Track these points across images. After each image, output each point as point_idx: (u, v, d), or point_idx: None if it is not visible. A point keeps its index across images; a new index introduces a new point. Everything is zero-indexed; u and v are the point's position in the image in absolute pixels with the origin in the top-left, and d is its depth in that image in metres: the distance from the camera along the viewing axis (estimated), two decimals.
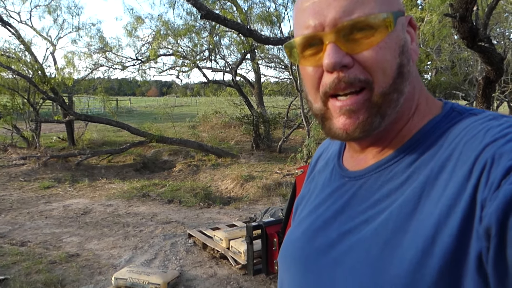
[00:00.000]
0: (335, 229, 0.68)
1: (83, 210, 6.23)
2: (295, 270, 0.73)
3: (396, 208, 0.59)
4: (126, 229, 5.24)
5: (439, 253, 0.51)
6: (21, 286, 3.51)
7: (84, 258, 4.25)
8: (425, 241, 0.53)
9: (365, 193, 0.67)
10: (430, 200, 0.56)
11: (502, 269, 0.47)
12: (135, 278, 3.45)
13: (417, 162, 0.62)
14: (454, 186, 0.54)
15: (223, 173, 9.12)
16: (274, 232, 3.28)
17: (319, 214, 0.74)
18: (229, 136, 13.95)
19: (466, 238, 0.50)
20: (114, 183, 8.38)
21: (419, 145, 0.63)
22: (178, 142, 10.97)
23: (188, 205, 6.64)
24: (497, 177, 0.49)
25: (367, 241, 0.61)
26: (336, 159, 0.80)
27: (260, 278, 3.69)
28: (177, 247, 4.48)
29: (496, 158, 0.50)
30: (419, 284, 0.52)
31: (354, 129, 0.63)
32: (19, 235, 5.02)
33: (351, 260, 0.62)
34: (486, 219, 0.48)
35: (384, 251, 0.57)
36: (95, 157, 10.36)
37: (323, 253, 0.68)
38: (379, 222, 0.60)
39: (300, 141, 12.36)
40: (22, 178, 8.48)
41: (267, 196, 7.15)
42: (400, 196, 0.60)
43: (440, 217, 0.53)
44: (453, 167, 0.56)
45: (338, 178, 0.75)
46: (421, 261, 0.53)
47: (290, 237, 0.79)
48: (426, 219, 0.54)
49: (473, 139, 0.56)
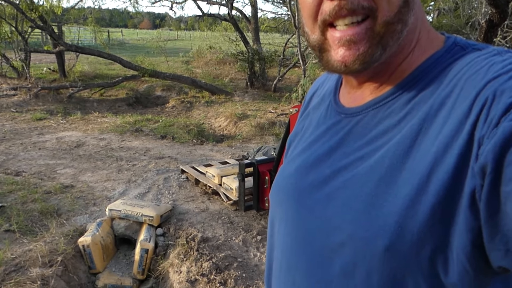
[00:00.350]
0: (329, 166, 0.67)
1: (76, 142, 6.25)
2: (287, 205, 0.73)
3: (393, 146, 0.58)
4: (119, 163, 5.30)
5: (434, 190, 0.51)
6: (18, 214, 3.60)
7: (78, 190, 4.33)
8: (421, 178, 0.52)
9: (361, 130, 0.65)
10: (428, 137, 0.55)
11: (494, 206, 0.47)
12: (129, 210, 3.55)
13: (416, 99, 0.60)
14: (452, 123, 0.52)
15: (217, 111, 9.10)
16: (266, 170, 3.35)
17: (313, 151, 0.72)
18: (224, 73, 13.75)
19: (461, 176, 0.50)
20: (106, 117, 8.35)
21: (419, 81, 0.61)
22: (172, 78, 10.82)
23: (181, 141, 6.68)
24: (497, 114, 0.47)
25: (361, 177, 0.60)
26: (332, 95, 0.77)
27: (250, 214, 3.81)
28: (170, 182, 4.57)
29: (497, 95, 0.49)
30: (412, 221, 0.52)
31: (353, 61, 0.60)
32: (13, 165, 5.07)
33: (344, 196, 0.61)
34: (482, 157, 0.47)
35: (378, 187, 0.57)
36: (87, 90, 10.23)
37: (316, 189, 0.67)
38: (375, 159, 0.59)
39: (295, 81, 12.24)
40: (13, 109, 8.40)
41: (260, 135, 7.20)
42: (397, 133, 0.59)
43: (437, 155, 0.52)
44: (453, 104, 0.54)
45: (334, 114, 0.73)
46: (415, 198, 0.52)
47: (282, 173, 0.79)
48: (422, 157, 0.54)
49: (475, 75, 0.54)
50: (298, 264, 0.69)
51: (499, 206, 0.46)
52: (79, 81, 10.76)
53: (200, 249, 3.21)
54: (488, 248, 0.50)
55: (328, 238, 0.63)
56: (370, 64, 0.60)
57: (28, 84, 9.94)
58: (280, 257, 0.75)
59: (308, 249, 0.67)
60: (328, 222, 0.63)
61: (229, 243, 3.35)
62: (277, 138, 6.79)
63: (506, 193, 0.45)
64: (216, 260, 3.08)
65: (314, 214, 0.66)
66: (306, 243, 0.67)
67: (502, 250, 0.48)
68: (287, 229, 0.73)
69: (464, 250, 0.51)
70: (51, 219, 3.62)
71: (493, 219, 0.47)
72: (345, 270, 0.60)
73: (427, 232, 0.52)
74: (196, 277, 2.92)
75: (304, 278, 0.68)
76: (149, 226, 3.50)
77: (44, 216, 3.69)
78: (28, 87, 9.56)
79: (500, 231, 0.47)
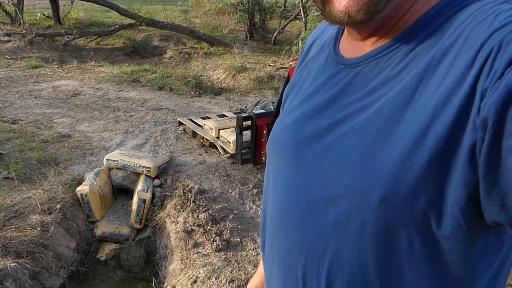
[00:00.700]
0: (327, 118, 0.66)
1: (72, 92, 6.19)
2: (284, 157, 0.73)
3: (392, 97, 0.57)
4: (116, 113, 5.28)
5: (431, 143, 0.51)
6: (16, 161, 3.62)
7: (75, 139, 4.34)
8: (419, 131, 0.52)
9: (360, 81, 0.63)
10: (428, 89, 0.53)
11: (494, 161, 0.46)
12: (126, 160, 3.57)
13: (418, 49, 0.57)
14: (454, 74, 0.51)
15: (215, 63, 8.96)
16: (264, 124, 3.34)
17: (312, 102, 0.71)
18: (223, 24, 13.40)
19: (460, 129, 0.49)
20: (103, 67, 8.22)
21: (422, 31, 0.58)
22: (170, 27, 10.54)
23: (179, 93, 6.62)
24: (502, 65, 0.46)
25: (359, 129, 0.59)
26: (332, 45, 0.74)
27: (247, 168, 3.84)
28: (167, 134, 4.57)
29: (503, 45, 0.47)
30: (408, 173, 0.52)
31: (357, 10, 0.57)
32: (10, 113, 5.04)
33: (341, 148, 0.61)
34: (484, 110, 0.46)
35: (376, 139, 0.56)
36: (82, 38, 9.98)
37: (313, 141, 0.66)
38: (373, 111, 0.59)
39: (296, 34, 11.97)
40: (8, 55, 8.24)
41: (258, 88, 7.13)
42: (397, 84, 0.57)
43: (437, 107, 0.51)
44: (456, 54, 0.52)
45: (333, 65, 0.71)
46: (412, 150, 0.52)
47: (280, 125, 0.77)
48: (421, 109, 0.53)
49: (481, 24, 0.51)
50: (290, 215, 0.70)
51: (499, 161, 0.46)
52: (74, 28, 10.48)
53: (197, 201, 3.27)
54: (484, 204, 0.50)
55: (323, 190, 0.63)
56: (374, 15, 0.58)
57: (22, 30, 9.68)
58: (273, 209, 0.76)
59: (302, 200, 0.67)
60: (325, 173, 0.63)
61: (225, 196, 3.40)
62: (276, 92, 6.73)
63: (508, 147, 0.45)
64: (212, 211, 3.13)
65: (311, 165, 0.66)
66: (300, 194, 0.67)
67: (498, 205, 0.48)
68: (282, 181, 0.73)
69: (458, 203, 0.51)
70: (49, 167, 3.65)
71: (492, 174, 0.47)
72: (339, 222, 0.61)
73: (422, 185, 0.52)
74: (192, 228, 2.98)
75: (297, 230, 0.68)
76: (146, 177, 3.54)
77: (42, 165, 3.71)
78: (22, 34, 9.32)
79: (498, 186, 0.47)
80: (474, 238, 0.54)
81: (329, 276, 0.64)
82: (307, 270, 0.67)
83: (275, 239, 0.75)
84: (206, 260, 2.68)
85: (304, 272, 0.68)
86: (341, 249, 0.61)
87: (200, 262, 2.66)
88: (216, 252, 2.75)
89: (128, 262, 3.14)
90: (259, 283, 1.01)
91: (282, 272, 0.74)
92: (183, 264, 2.71)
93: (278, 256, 0.75)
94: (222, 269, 2.58)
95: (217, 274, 2.53)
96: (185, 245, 2.85)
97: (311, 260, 0.66)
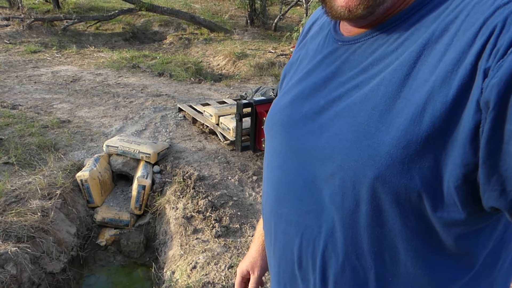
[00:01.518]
0: (324, 96, 0.65)
1: (72, 77, 6.16)
2: (281, 137, 0.72)
3: (389, 73, 0.56)
4: (116, 99, 5.26)
5: (429, 121, 0.50)
6: (16, 147, 3.62)
7: (75, 125, 4.33)
8: (416, 108, 0.51)
9: (358, 58, 0.62)
10: (427, 65, 0.52)
11: (495, 144, 0.46)
12: (126, 146, 3.57)
13: (418, 24, 0.56)
14: (455, 51, 0.49)
15: (215, 49, 8.91)
16: (264, 111, 3.33)
17: (309, 81, 0.70)
18: (223, 9, 13.28)
19: (460, 108, 0.48)
20: (103, 52, 8.17)
21: (423, 8, 0.57)
22: (169, 12, 10.45)
23: (178, 79, 6.59)
24: (505, 44, 0.44)
25: (355, 106, 0.58)
26: (332, 24, 0.73)
27: (247, 155, 3.85)
28: (167, 120, 4.56)
29: (507, 23, 0.45)
30: (403, 152, 0.52)
31: (357, 5, 0.57)
32: (9, 98, 5.02)
33: (337, 126, 0.60)
34: (487, 91, 0.45)
35: (371, 117, 0.55)
36: (82, 23, 9.91)
37: (310, 120, 0.66)
38: (370, 87, 0.58)
39: (297, 20, 11.87)
40: (6, 40, 8.18)
41: (259, 75, 7.10)
42: (394, 60, 0.56)
43: (435, 84, 0.50)
44: (457, 30, 0.51)
45: (331, 43, 0.70)
46: (408, 128, 0.51)
47: (277, 105, 0.77)
48: (420, 86, 0.52)
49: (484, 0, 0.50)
50: (286, 196, 0.70)
51: (500, 145, 0.45)
52: (73, 13, 10.38)
53: (197, 187, 3.28)
54: (482, 189, 0.49)
55: (318, 168, 0.62)
56: (374, 8, 0.57)
57: (21, 15, 9.60)
58: (270, 190, 0.75)
59: (298, 180, 0.66)
60: (319, 152, 0.62)
61: (225, 182, 3.41)
62: (276, 78, 6.70)
63: (510, 131, 0.44)
64: (212, 198, 3.15)
65: (306, 144, 0.65)
66: (296, 174, 0.67)
67: (497, 191, 0.48)
68: (278, 162, 0.73)
69: (455, 183, 0.50)
70: (49, 153, 3.65)
71: (493, 158, 0.46)
72: (334, 201, 0.60)
73: (417, 164, 0.51)
74: (192, 214, 3.00)
75: (293, 210, 0.68)
76: (146, 163, 3.55)
77: (42, 150, 3.71)
78: (21, 18, 9.24)
79: (498, 171, 0.47)
80: (469, 220, 0.54)
81: (324, 256, 0.64)
82: (302, 251, 0.67)
83: (272, 220, 0.75)
84: (205, 246, 2.70)
85: (300, 253, 0.68)
86: (336, 229, 0.61)
87: (199, 248, 2.68)
88: (215, 238, 2.76)
89: (128, 248, 3.17)
90: (249, 265, 1.02)
91: (278, 253, 0.75)
92: (182, 250, 2.73)
93: (275, 237, 0.75)
94: (221, 255, 2.60)
95: (216, 260, 2.56)
96: (185, 231, 2.87)
97: (306, 240, 0.66)
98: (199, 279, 2.38)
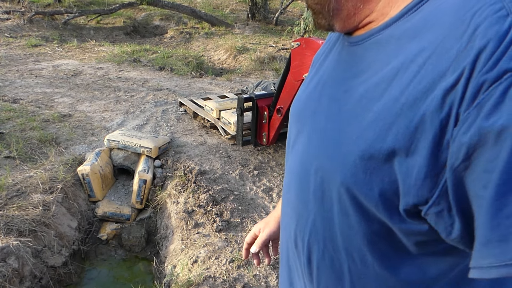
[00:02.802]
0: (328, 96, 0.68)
1: (73, 71, 6.15)
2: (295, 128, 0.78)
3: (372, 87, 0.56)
4: (117, 93, 5.26)
5: (391, 140, 0.51)
6: (17, 141, 3.63)
7: (76, 119, 4.33)
8: (383, 126, 0.53)
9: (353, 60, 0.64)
10: (400, 84, 0.52)
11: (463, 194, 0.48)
12: (127, 141, 3.57)
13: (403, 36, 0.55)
14: (426, 77, 0.49)
15: (216, 43, 8.88)
16: (265, 105, 3.32)
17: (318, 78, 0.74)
18: (224, 3, 13.23)
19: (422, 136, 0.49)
20: (104, 46, 8.15)
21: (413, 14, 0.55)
22: (170, 6, 10.41)
23: (179, 73, 6.57)
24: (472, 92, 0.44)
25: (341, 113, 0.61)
26: None
27: (248, 149, 3.85)
28: (168, 115, 4.56)
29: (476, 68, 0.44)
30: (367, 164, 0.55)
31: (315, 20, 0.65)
32: (10, 92, 5.02)
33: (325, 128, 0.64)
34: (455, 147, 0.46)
35: (349, 126, 0.58)
36: (83, 17, 9.88)
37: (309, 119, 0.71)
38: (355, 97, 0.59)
39: (298, 14, 11.83)
40: (7, 34, 8.16)
41: (260, 69, 7.08)
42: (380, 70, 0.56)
43: (404, 107, 0.50)
44: (431, 53, 0.49)
45: (342, 42, 0.71)
46: (373, 143, 0.54)
47: (298, 98, 0.81)
48: (390, 104, 0.52)
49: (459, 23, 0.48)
50: (292, 182, 0.76)
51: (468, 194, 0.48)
52: (74, 6, 10.35)
53: (198, 182, 3.28)
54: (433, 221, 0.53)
55: (311, 163, 0.67)
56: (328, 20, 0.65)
57: (22, 8, 9.58)
58: (285, 177, 0.83)
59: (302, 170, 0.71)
60: (312, 149, 0.68)
61: (226, 177, 3.41)
62: (277, 73, 6.69)
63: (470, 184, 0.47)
64: (213, 192, 3.15)
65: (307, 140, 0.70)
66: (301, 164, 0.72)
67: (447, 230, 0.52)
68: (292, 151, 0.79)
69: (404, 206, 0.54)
70: (50, 147, 3.65)
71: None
72: (316, 195, 0.66)
73: (378, 177, 0.54)
74: (193, 208, 3.00)
75: (294, 196, 0.75)
76: (147, 157, 3.55)
77: (43, 144, 3.71)
78: (21, 11, 9.22)
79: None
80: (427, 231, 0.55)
81: (310, 243, 0.71)
82: (297, 234, 0.74)
83: (284, 203, 0.83)
84: (206, 240, 2.71)
85: (296, 235, 0.75)
86: (317, 221, 0.68)
87: (200, 242, 2.68)
88: (216, 232, 2.77)
89: (129, 242, 3.17)
90: (262, 225, 1.10)
91: (283, 231, 0.84)
92: (183, 244, 2.74)
93: (283, 218, 0.83)
94: (222, 249, 2.61)
95: (217, 254, 2.56)
96: (186, 225, 2.88)
97: (300, 226, 0.73)
98: (200, 273, 2.39)
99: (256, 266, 2.46)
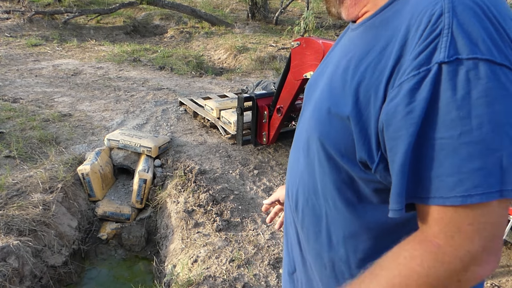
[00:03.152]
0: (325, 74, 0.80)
1: (73, 71, 6.15)
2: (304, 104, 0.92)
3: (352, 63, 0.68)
4: (117, 93, 5.26)
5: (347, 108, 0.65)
6: (17, 140, 3.63)
7: (76, 119, 4.33)
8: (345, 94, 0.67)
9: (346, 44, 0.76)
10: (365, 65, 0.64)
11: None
12: (127, 140, 3.57)
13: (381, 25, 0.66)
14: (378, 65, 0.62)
15: (217, 43, 8.88)
16: (265, 105, 3.32)
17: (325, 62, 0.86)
18: (224, 3, 13.23)
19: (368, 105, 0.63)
20: (104, 45, 8.15)
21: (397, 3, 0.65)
22: (170, 6, 10.41)
23: (179, 73, 6.57)
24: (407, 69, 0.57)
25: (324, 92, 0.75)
26: None
27: (248, 149, 3.85)
28: (168, 114, 4.56)
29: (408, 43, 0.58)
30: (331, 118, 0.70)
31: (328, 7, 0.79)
32: (10, 91, 5.01)
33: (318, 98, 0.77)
34: (382, 116, 0.60)
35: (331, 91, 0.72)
36: (83, 16, 9.87)
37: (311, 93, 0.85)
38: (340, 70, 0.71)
39: (298, 14, 11.82)
40: (7, 33, 8.16)
41: (260, 69, 7.08)
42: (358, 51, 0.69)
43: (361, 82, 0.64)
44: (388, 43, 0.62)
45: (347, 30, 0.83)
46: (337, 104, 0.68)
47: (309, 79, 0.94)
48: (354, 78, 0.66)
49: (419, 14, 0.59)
50: (293, 147, 0.91)
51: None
52: (74, 6, 10.34)
53: (198, 181, 3.28)
54: None
55: (303, 128, 0.83)
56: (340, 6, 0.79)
57: (21, 8, 9.57)
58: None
59: (297, 134, 0.88)
60: (307, 115, 0.82)
61: (226, 176, 3.41)
62: (277, 72, 6.69)
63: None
64: (213, 192, 3.15)
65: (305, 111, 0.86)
66: (298, 131, 0.88)
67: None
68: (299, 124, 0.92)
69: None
70: (50, 147, 3.65)
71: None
72: (304, 151, 0.81)
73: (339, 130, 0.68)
74: (193, 208, 3.00)
75: (292, 156, 0.90)
76: (147, 157, 3.55)
77: (43, 144, 3.71)
78: (21, 11, 9.21)
79: None
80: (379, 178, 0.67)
81: (298, 192, 0.85)
82: (289, 186, 0.90)
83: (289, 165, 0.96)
84: (206, 240, 2.71)
85: (288, 187, 0.92)
86: (304, 173, 0.82)
87: (200, 242, 2.68)
88: (216, 232, 2.77)
89: (129, 241, 3.17)
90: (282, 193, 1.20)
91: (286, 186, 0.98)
92: (183, 244, 2.74)
93: (286, 177, 0.98)
94: (222, 249, 2.61)
95: (218, 254, 2.56)
96: (186, 225, 2.87)
97: (292, 178, 0.89)
98: (200, 273, 2.39)
99: (257, 266, 2.46)
